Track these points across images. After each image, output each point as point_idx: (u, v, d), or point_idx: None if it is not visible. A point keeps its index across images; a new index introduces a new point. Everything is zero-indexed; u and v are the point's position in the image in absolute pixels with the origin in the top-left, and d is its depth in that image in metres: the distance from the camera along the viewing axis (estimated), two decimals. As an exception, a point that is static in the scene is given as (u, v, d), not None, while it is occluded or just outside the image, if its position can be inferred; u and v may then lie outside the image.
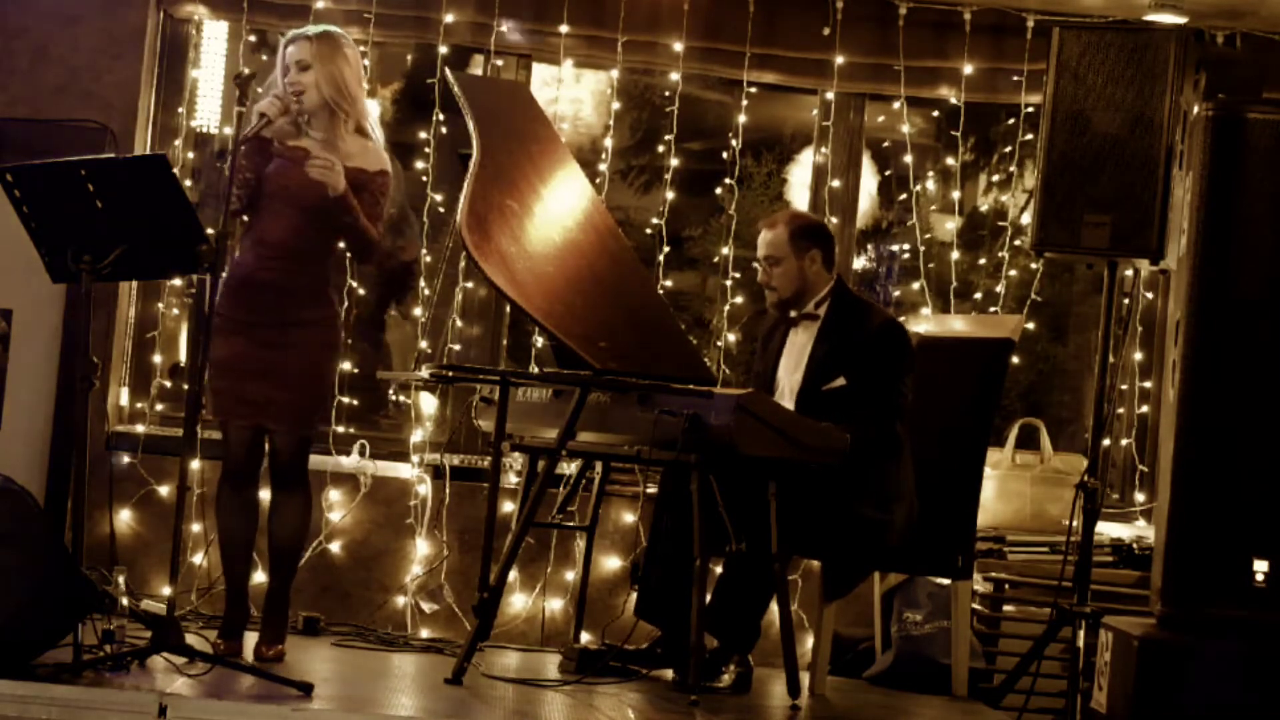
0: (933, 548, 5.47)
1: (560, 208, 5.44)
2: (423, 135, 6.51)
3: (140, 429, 6.41)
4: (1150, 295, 6.55)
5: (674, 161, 6.58)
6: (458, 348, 6.55)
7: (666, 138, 6.58)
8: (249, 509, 5.28)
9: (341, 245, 5.27)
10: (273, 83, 5.24)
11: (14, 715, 4.28)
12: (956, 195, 6.75)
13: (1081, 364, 7.35)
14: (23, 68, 6.41)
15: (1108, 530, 6.25)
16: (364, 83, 5.34)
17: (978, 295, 6.67)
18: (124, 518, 6.30)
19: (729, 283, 6.60)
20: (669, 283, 6.64)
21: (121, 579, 5.55)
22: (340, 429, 6.38)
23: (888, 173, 7.42)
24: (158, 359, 6.50)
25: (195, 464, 6.02)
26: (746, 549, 5.04)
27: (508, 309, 6.57)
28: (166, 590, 5.02)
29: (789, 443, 5.02)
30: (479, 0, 6.50)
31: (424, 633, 6.24)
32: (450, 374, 5.41)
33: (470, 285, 6.57)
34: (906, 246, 6.97)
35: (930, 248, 6.79)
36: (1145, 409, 6.56)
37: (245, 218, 5.21)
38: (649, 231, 6.64)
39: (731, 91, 6.75)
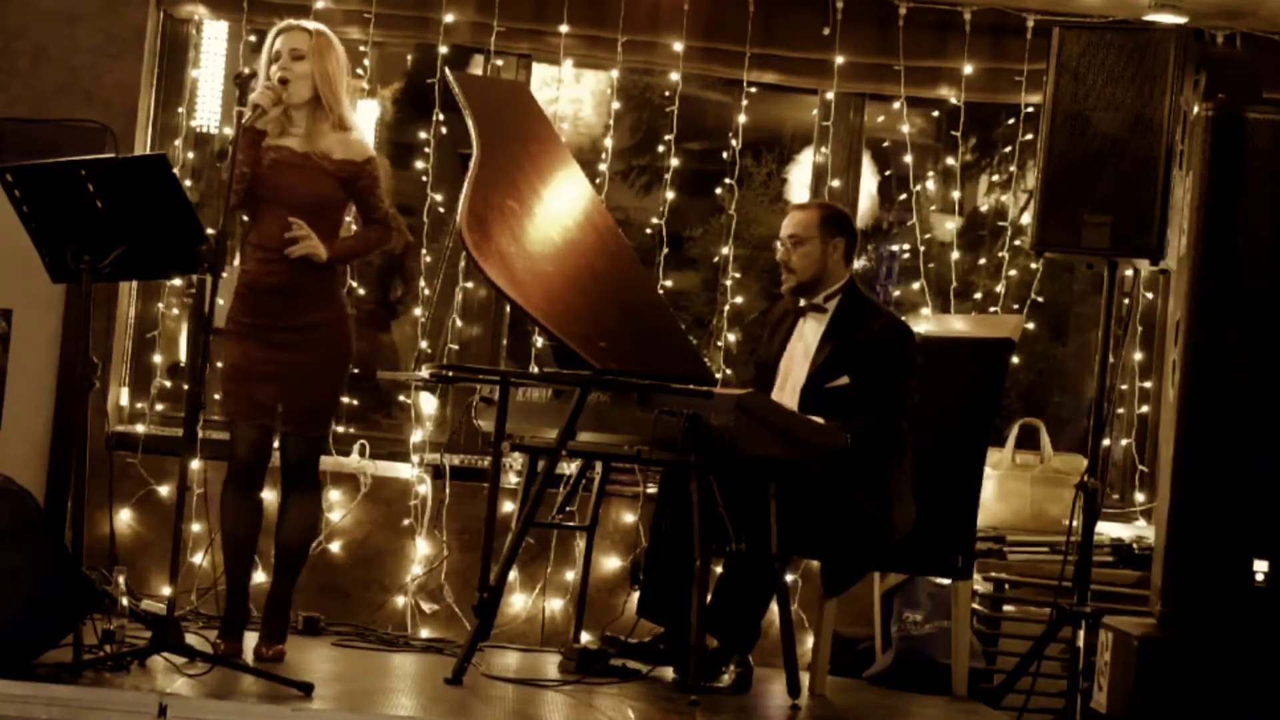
0: (933, 548, 5.47)
1: (560, 207, 5.44)
2: (423, 135, 6.51)
3: (140, 429, 6.41)
4: (1150, 295, 6.55)
5: (674, 161, 6.57)
6: (457, 348, 6.55)
7: (666, 138, 6.58)
8: (253, 510, 5.28)
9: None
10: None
11: (14, 715, 4.27)
12: (956, 195, 6.75)
13: (1081, 364, 7.34)
14: (23, 68, 6.41)
15: (1108, 530, 6.24)
16: (348, 79, 5.38)
17: (978, 295, 6.67)
18: (124, 518, 6.30)
19: (729, 283, 6.60)
20: (669, 283, 6.64)
21: (121, 579, 5.54)
22: (340, 429, 6.38)
23: (888, 173, 7.42)
24: (158, 359, 6.50)
25: (195, 464, 6.01)
26: (746, 549, 5.04)
27: (508, 309, 6.57)
28: (166, 590, 5.02)
29: (789, 443, 5.02)
30: (479, 0, 6.50)
31: (424, 633, 6.24)
32: (450, 374, 5.41)
33: (470, 285, 6.57)
34: (906, 246, 6.96)
35: (930, 248, 6.78)
36: (1145, 409, 6.56)
37: (245, 216, 5.21)
38: (649, 231, 6.64)
39: (731, 91, 6.75)
